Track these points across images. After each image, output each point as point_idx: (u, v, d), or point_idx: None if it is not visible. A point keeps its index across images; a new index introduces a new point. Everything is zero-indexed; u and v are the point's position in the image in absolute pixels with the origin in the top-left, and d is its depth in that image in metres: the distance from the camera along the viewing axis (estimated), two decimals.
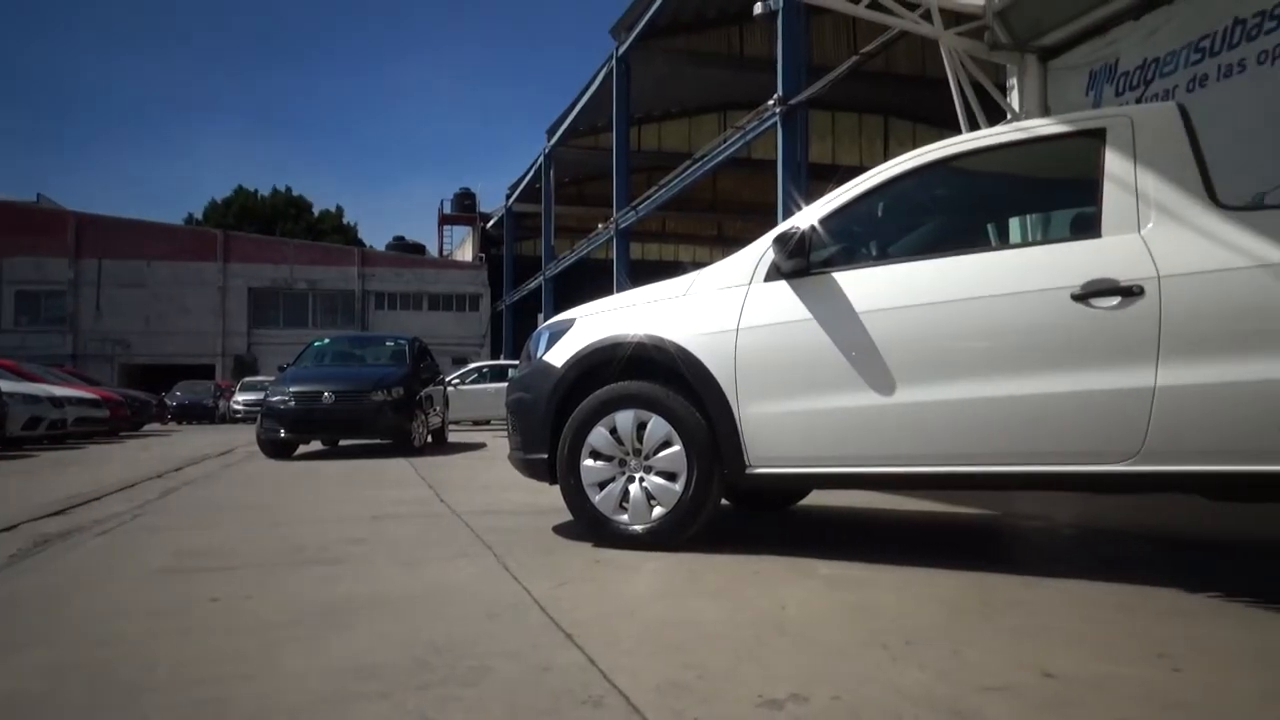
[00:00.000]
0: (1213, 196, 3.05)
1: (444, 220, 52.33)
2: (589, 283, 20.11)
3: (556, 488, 3.98)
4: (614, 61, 21.30)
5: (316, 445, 12.26)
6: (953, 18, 8.41)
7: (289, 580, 3.27)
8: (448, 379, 16.55)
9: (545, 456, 3.98)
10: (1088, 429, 3.05)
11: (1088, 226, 3.24)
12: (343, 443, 12.58)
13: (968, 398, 3.20)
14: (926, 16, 8.18)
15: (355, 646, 2.38)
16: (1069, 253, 3.20)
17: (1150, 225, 3.07)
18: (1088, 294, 3.04)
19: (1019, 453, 3.17)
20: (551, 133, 28.09)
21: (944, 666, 2.16)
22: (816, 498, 5.10)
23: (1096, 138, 3.29)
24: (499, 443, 12.82)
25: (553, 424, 3.95)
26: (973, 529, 4.62)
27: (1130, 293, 2.99)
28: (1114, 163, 3.20)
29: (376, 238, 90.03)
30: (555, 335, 4.12)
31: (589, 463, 3.84)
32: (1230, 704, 1.91)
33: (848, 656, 2.26)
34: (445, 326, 42.62)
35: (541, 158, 29.41)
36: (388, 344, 13.21)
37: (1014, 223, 5.25)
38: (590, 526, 3.89)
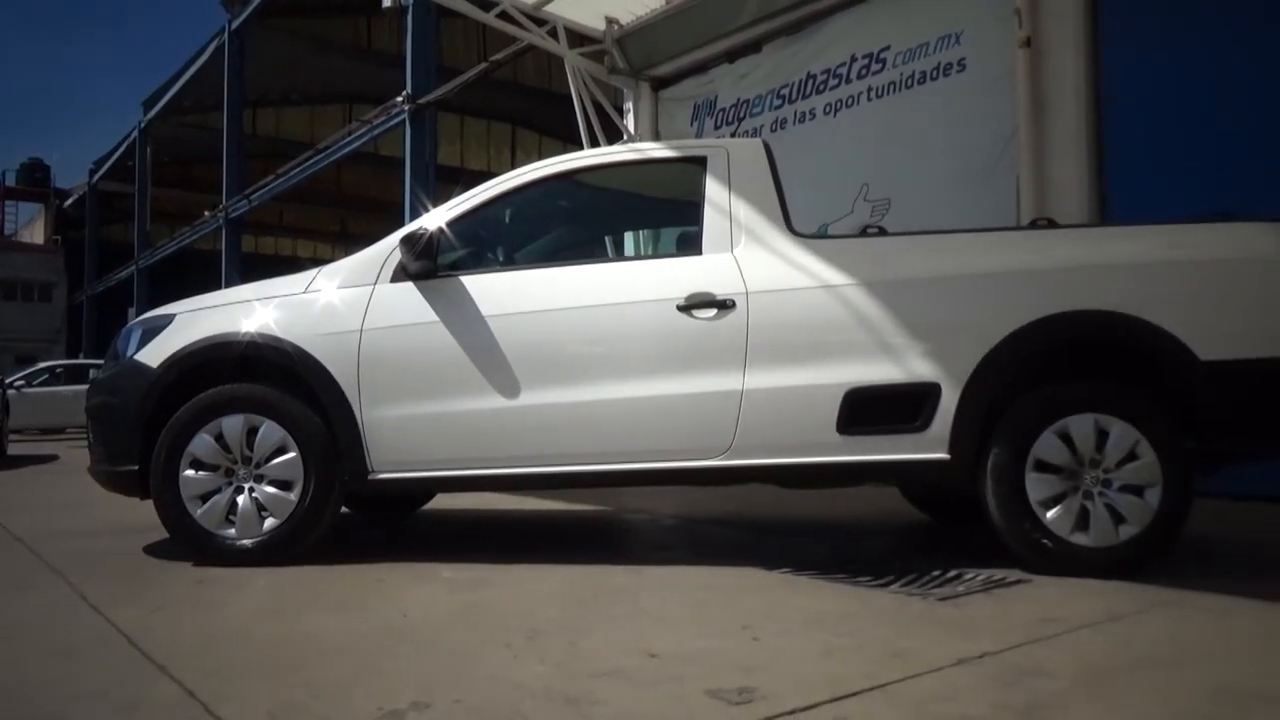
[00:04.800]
0: (789, 224, 3.52)
1: (6, 194, 44.43)
2: (193, 276, 18.19)
3: (149, 503, 3.56)
4: (226, 35, 19.56)
5: None
6: (577, 39, 8.87)
7: None
8: (8, 380, 14.08)
9: (135, 468, 3.54)
10: (688, 428, 3.37)
11: (691, 244, 3.58)
12: None
13: (585, 400, 3.38)
14: (553, 34, 8.53)
15: None
16: (675, 267, 3.51)
17: (741, 246, 3.47)
18: (690, 305, 3.36)
19: (630, 451, 3.41)
20: (149, 105, 25.09)
21: (562, 657, 2.27)
22: (440, 501, 5.08)
23: (699, 164, 3.65)
24: (77, 454, 11.14)
25: (145, 432, 3.53)
26: (587, 525, 4.89)
27: (724, 305, 3.35)
28: (712, 188, 3.57)
29: None
30: (150, 332, 3.69)
31: (190, 473, 3.48)
32: (796, 663, 2.21)
33: (470, 658, 2.29)
34: (8, 318, 36.13)
35: (136, 132, 26.18)
36: None
37: (629, 236, 5.66)
38: (191, 544, 3.53)
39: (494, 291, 3.51)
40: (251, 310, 3.60)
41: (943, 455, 3.25)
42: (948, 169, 6.51)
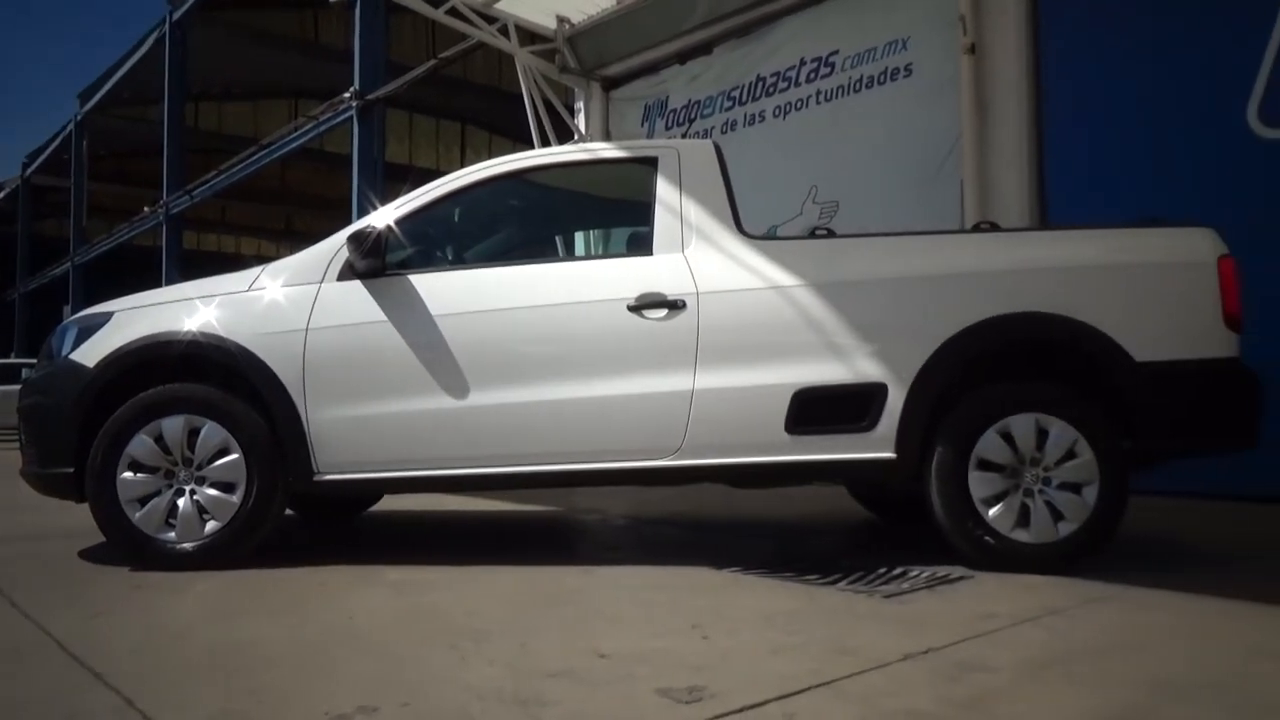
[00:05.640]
0: (739, 225, 3.54)
1: None
2: (131, 273, 17.69)
3: (85, 506, 3.46)
4: (167, 26, 19.10)
5: None
6: (528, 37, 8.83)
7: None
8: None
9: (71, 470, 3.44)
10: (639, 428, 3.37)
11: (642, 244, 3.58)
12: None
13: (535, 400, 3.37)
14: (504, 32, 8.48)
15: None
16: (626, 267, 3.51)
17: (691, 247, 3.48)
18: (641, 306, 3.37)
19: (582, 451, 3.40)
20: (86, 97, 24.37)
21: (511, 659, 2.25)
22: (388, 502, 5.02)
23: (650, 165, 3.65)
24: (7, 456, 10.79)
25: (81, 433, 3.43)
26: (537, 525, 4.87)
27: (675, 306, 3.36)
28: (663, 189, 3.58)
29: None
30: (87, 331, 3.59)
31: (127, 475, 3.40)
32: (746, 661, 2.22)
33: (418, 661, 2.26)
34: None
35: (72, 125, 25.41)
36: None
37: (579, 236, 5.65)
38: (128, 548, 3.43)
39: (443, 290, 3.48)
40: (193, 308, 3.52)
41: (889, 454, 3.30)
42: (895, 172, 6.62)
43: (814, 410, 3.31)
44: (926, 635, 2.39)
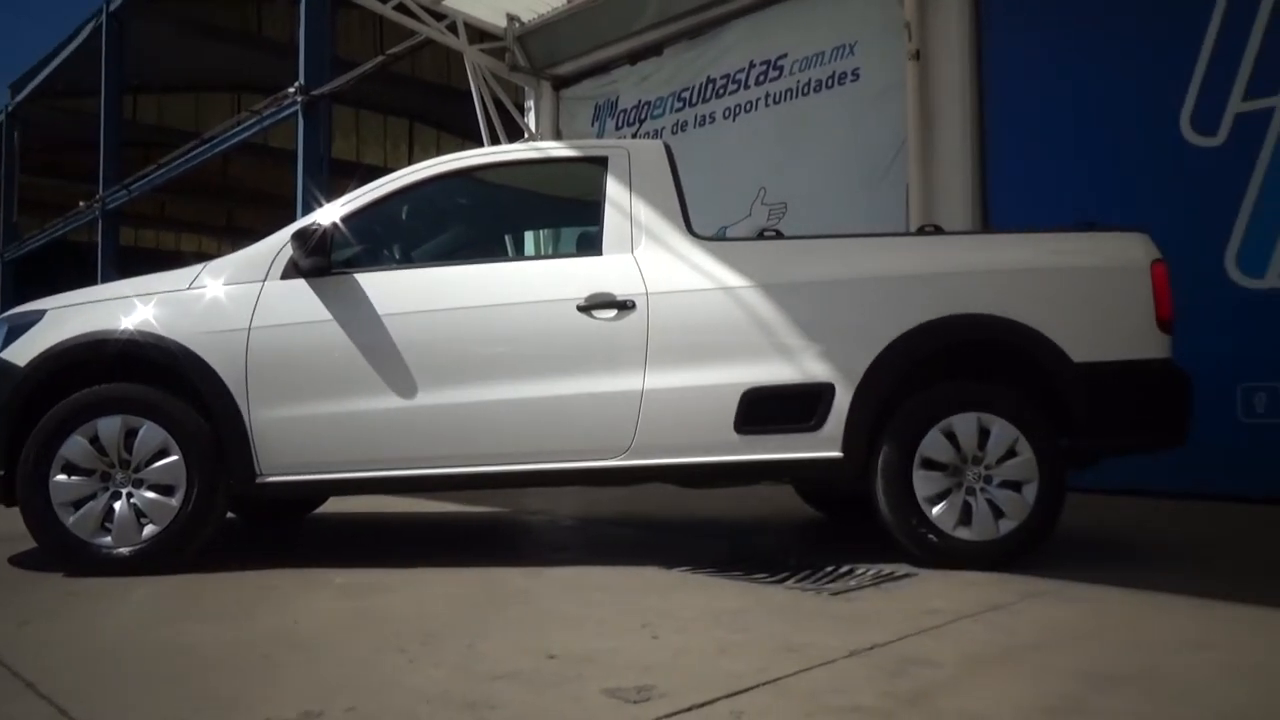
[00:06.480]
0: (689, 226, 3.56)
1: None
2: (65, 270, 17.17)
3: (15, 511, 3.35)
4: (104, 16, 18.58)
5: None
6: (478, 34, 8.76)
7: None
8: None
9: (0, 473, 3.33)
10: (589, 428, 3.37)
11: (592, 244, 3.58)
12: None
13: (484, 400, 3.34)
14: (453, 29, 8.41)
15: None
16: (576, 267, 3.51)
17: (641, 247, 3.49)
18: (591, 306, 3.36)
19: (531, 452, 3.39)
20: (18, 88, 23.62)
21: (459, 661, 2.24)
22: (334, 504, 4.95)
23: (600, 165, 3.65)
24: None
25: (11, 434, 3.32)
26: (485, 526, 4.84)
27: (625, 306, 3.36)
28: (613, 189, 3.58)
29: None
30: (17, 329, 3.48)
31: (61, 478, 3.30)
32: (694, 660, 2.24)
33: (364, 665, 2.24)
34: None
35: (3, 116, 24.61)
36: None
37: (529, 236, 5.63)
38: (62, 553, 3.34)
39: (390, 289, 3.44)
40: (130, 307, 3.43)
41: (836, 454, 3.34)
42: (842, 175, 6.70)
43: (763, 410, 3.34)
44: (871, 632, 2.43)
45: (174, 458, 3.33)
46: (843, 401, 3.32)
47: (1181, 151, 5.26)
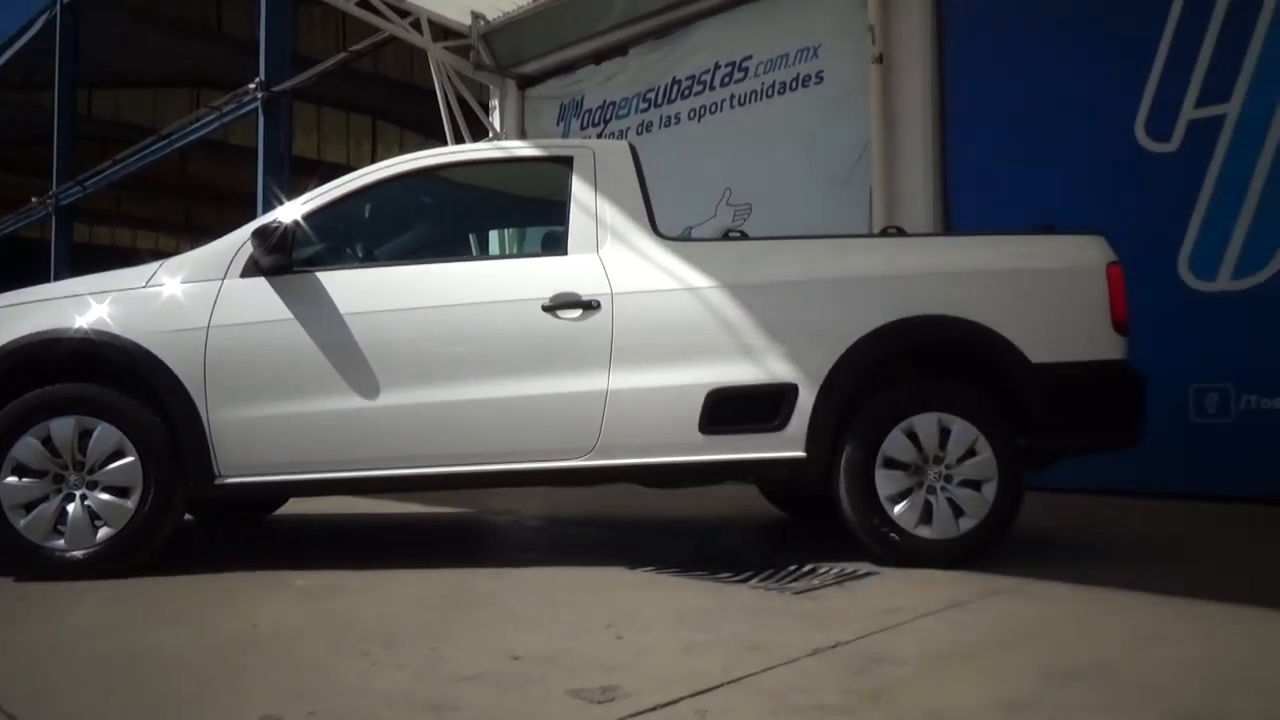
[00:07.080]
0: (654, 226, 3.56)
1: None
2: (16, 267, 16.75)
3: None
4: (58, 8, 18.19)
5: None
6: (442, 32, 8.69)
7: None
8: None
9: None
10: (553, 428, 3.36)
11: (557, 244, 3.57)
12: None
13: (448, 400, 3.32)
14: (417, 26, 8.34)
15: None
16: (541, 267, 3.50)
17: (606, 247, 3.49)
18: (555, 306, 3.35)
19: (495, 452, 3.37)
20: None
21: (422, 664, 2.22)
22: (294, 506, 4.89)
23: (565, 164, 3.64)
24: None
25: None
26: (449, 527, 4.81)
27: (590, 306, 3.36)
28: (579, 189, 3.58)
29: None
30: None
31: (11, 480, 3.22)
32: (658, 660, 2.24)
33: (325, 668, 2.21)
34: None
35: None
36: None
37: (493, 235, 5.60)
38: (13, 557, 3.26)
39: (352, 288, 3.41)
40: (85, 305, 3.36)
41: (799, 453, 3.36)
42: (806, 176, 6.75)
43: (727, 410, 3.35)
44: (834, 630, 2.45)
45: (130, 459, 3.27)
46: (806, 402, 3.35)
47: (1136, 156, 5.37)
